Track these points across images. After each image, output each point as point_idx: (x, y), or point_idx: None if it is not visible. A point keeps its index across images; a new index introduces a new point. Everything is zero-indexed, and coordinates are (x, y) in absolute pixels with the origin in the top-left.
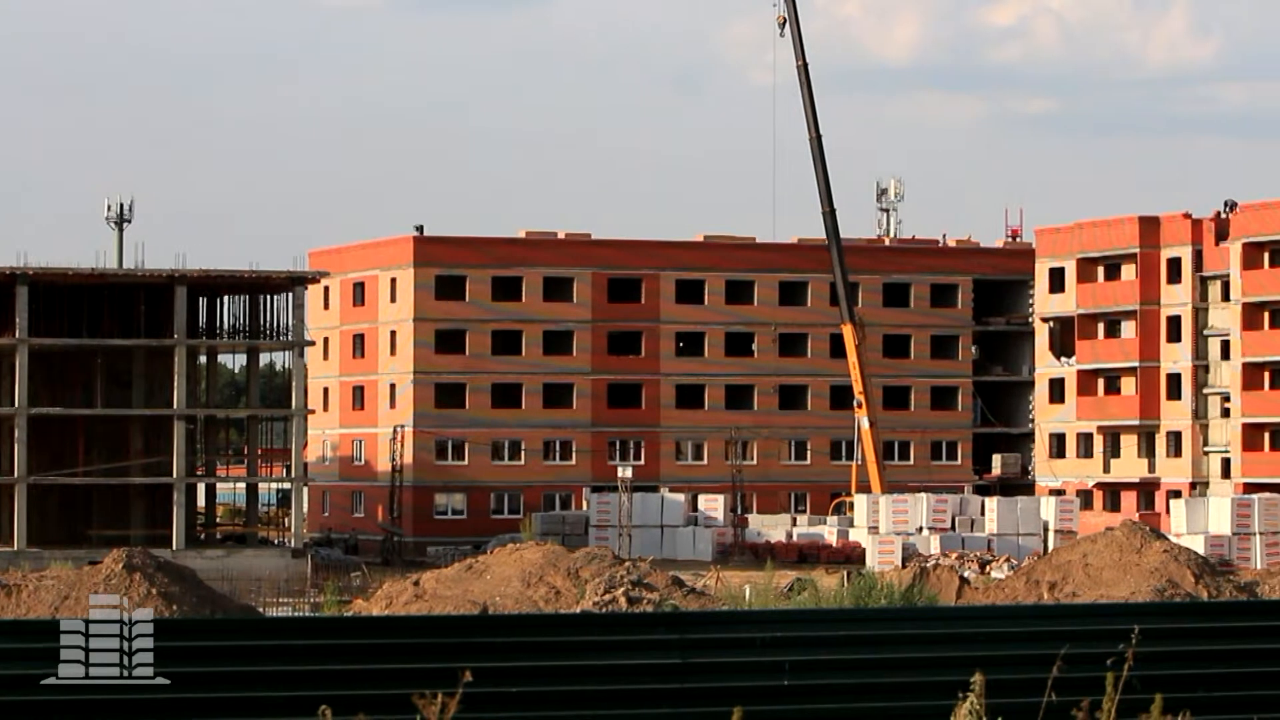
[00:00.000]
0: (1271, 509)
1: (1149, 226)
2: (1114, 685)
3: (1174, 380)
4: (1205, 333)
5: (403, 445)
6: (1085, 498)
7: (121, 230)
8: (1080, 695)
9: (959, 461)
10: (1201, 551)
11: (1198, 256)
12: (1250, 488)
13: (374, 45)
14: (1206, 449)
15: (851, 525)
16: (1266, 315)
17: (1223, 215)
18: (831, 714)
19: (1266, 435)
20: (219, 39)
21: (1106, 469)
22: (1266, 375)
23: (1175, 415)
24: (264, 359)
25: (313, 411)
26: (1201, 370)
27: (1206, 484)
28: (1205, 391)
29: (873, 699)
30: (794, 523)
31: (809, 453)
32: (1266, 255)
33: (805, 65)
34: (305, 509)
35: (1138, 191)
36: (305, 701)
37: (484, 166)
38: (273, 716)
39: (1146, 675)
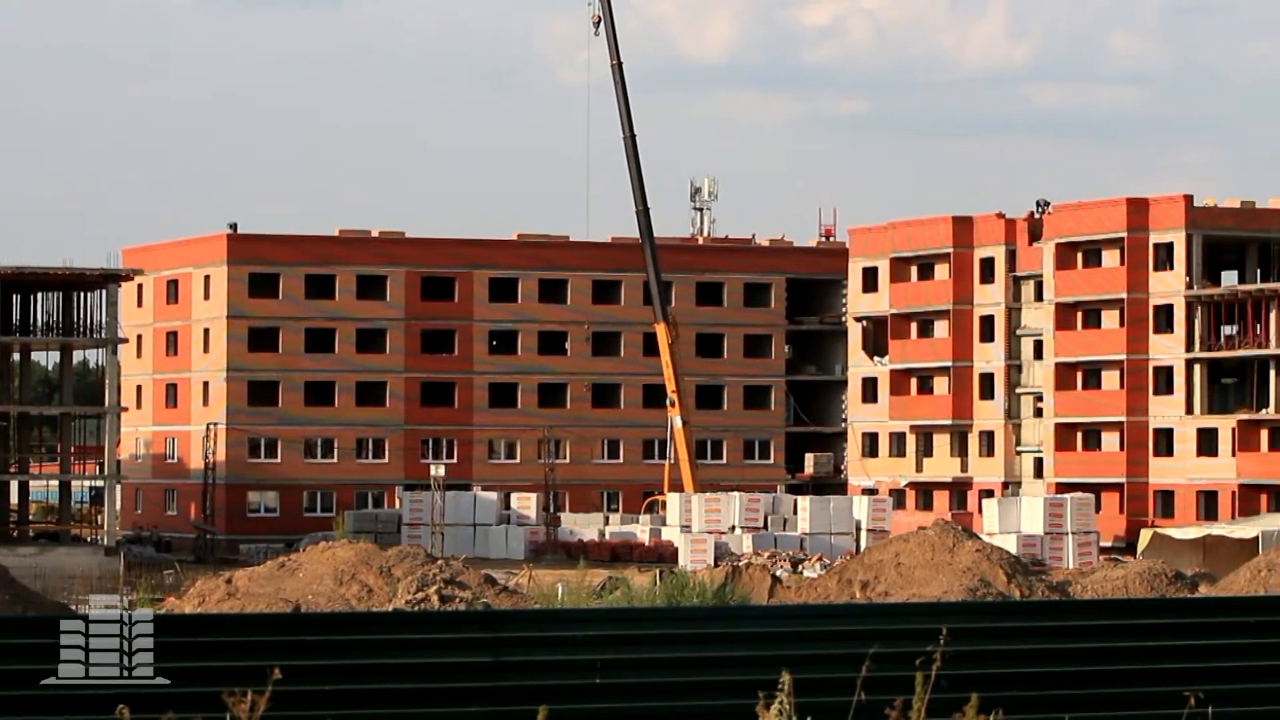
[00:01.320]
0: (1083, 508)
1: (962, 226)
2: (924, 684)
3: (987, 380)
4: (1018, 332)
5: (215, 443)
6: (898, 497)
7: None
8: (892, 694)
9: (772, 460)
10: (1014, 551)
11: (1011, 256)
12: (1062, 487)
13: (188, 42)
14: (1019, 449)
15: (664, 524)
16: (1079, 315)
17: (1036, 215)
18: (642, 713)
19: (1079, 435)
20: (31, 34)
21: (919, 468)
22: (1079, 375)
23: (988, 415)
24: (77, 356)
25: (126, 409)
26: (1014, 370)
27: (1019, 483)
28: (1018, 391)
29: (684, 698)
30: (607, 521)
31: (622, 451)
32: (1079, 255)
33: (620, 64)
34: (118, 507)
35: (952, 192)
36: (106, 700)
37: (299, 164)
38: (69, 714)
39: (959, 674)
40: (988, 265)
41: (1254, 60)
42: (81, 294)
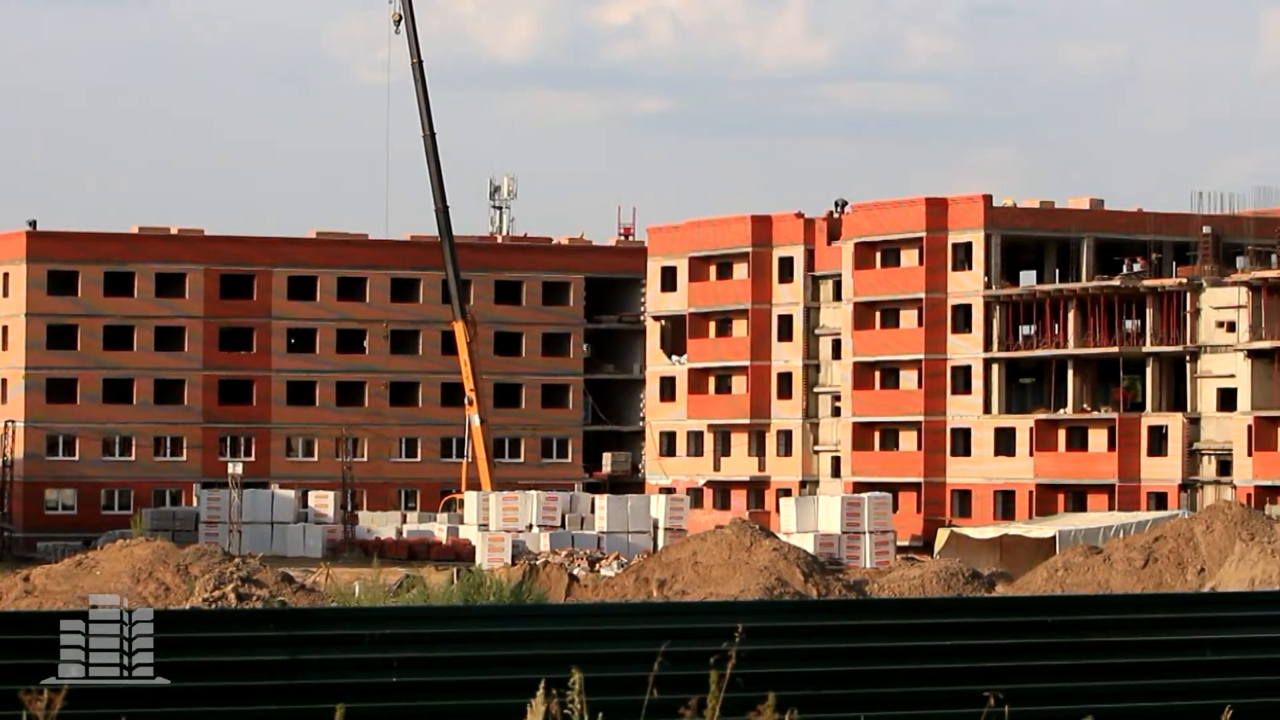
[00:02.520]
0: (881, 508)
1: (761, 226)
2: (719, 683)
3: (784, 379)
4: (816, 332)
5: (13, 441)
6: (695, 496)
7: None
8: (688, 693)
9: (569, 459)
10: (811, 550)
11: (809, 256)
12: (860, 487)
13: None
14: (816, 448)
15: (461, 522)
16: (877, 315)
17: (835, 215)
18: (439, 711)
19: (876, 434)
20: None
21: (717, 467)
22: (876, 375)
23: (785, 414)
24: None
25: None
26: (812, 370)
27: (816, 483)
28: (816, 391)
29: (480, 696)
30: (404, 520)
31: (420, 450)
32: (878, 255)
33: (420, 63)
34: None
35: (751, 191)
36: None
37: (98, 161)
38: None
39: (754, 673)
40: (786, 265)
41: (1053, 61)
42: None
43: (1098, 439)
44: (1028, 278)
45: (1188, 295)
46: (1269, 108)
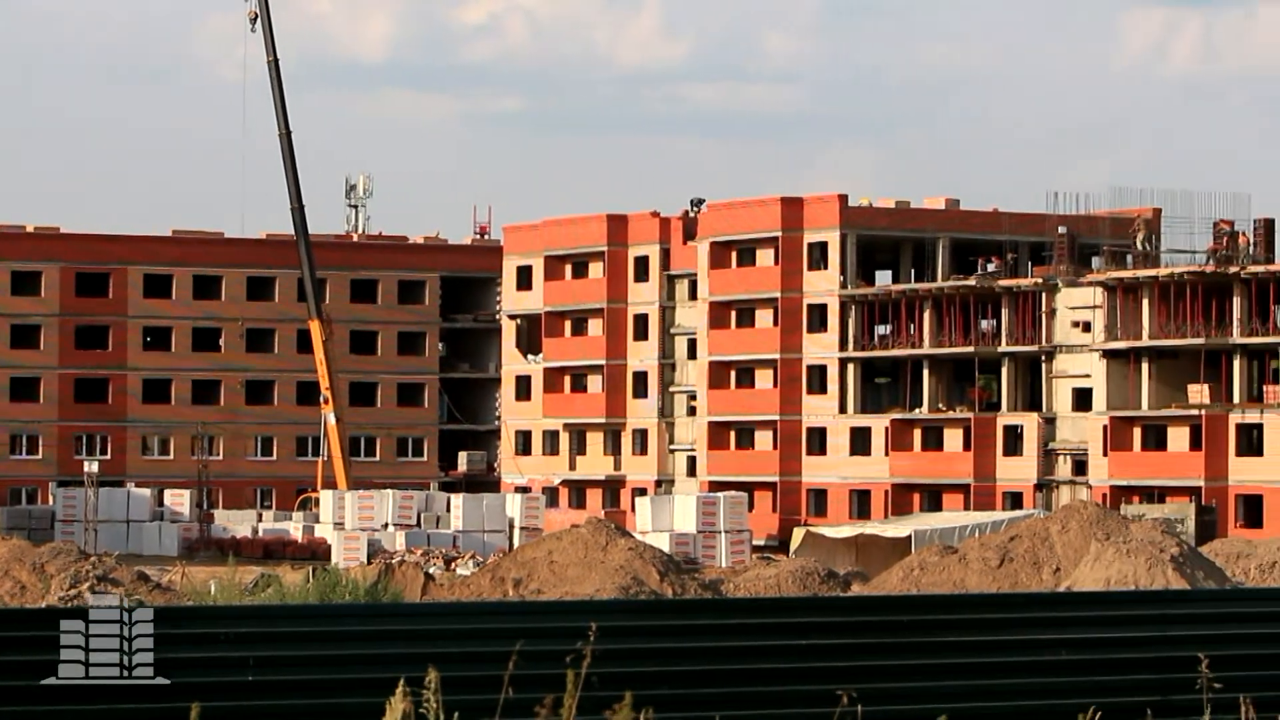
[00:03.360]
0: (736, 507)
1: (617, 225)
2: (574, 682)
3: (640, 378)
4: (672, 331)
5: None
6: (551, 495)
7: None
8: (543, 692)
9: (425, 458)
10: (667, 549)
11: (665, 255)
12: (715, 486)
13: None
14: (672, 447)
15: (317, 521)
16: (732, 314)
17: (691, 214)
18: (296, 710)
19: (731, 434)
20: None
21: (572, 466)
22: (732, 374)
23: (641, 413)
24: None
25: None
26: (668, 369)
27: (672, 482)
28: (671, 390)
29: (336, 695)
30: (260, 518)
31: (275, 448)
32: (733, 254)
33: (276, 61)
34: None
35: (607, 190)
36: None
37: None
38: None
39: (610, 673)
40: (642, 264)
41: (909, 60)
42: None
43: (953, 439)
44: (883, 277)
45: (1043, 295)
46: (1125, 109)
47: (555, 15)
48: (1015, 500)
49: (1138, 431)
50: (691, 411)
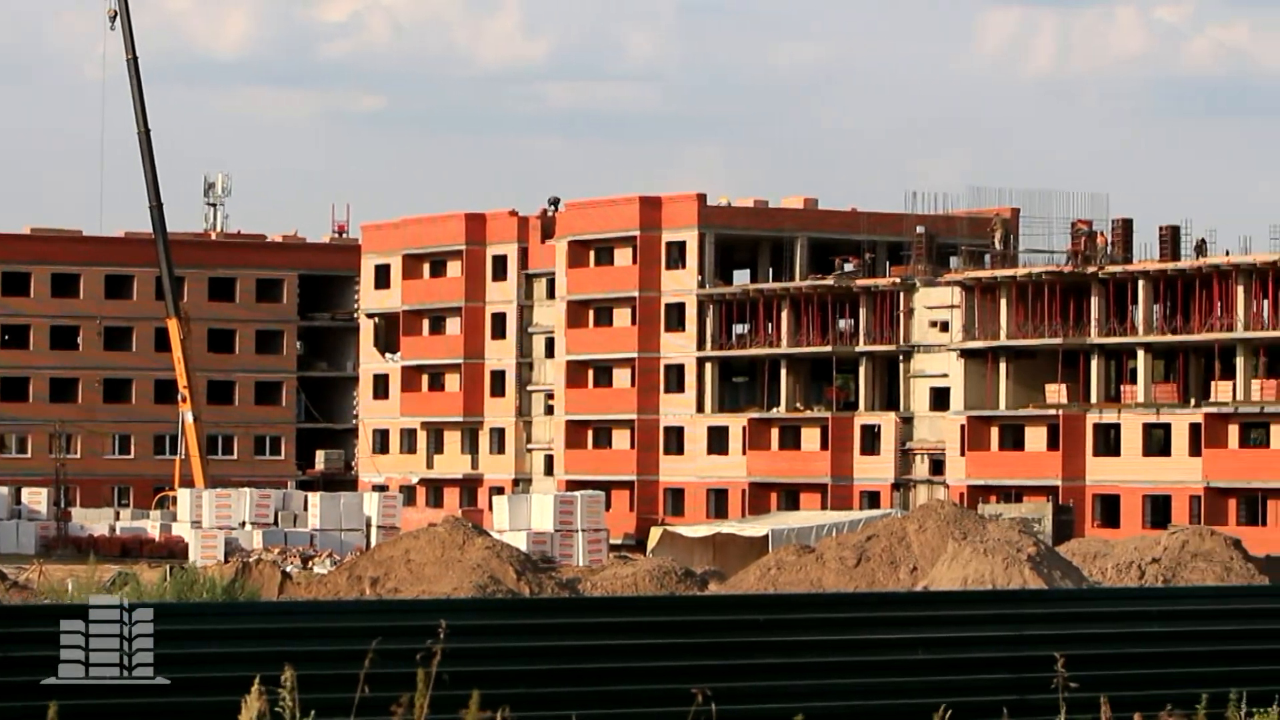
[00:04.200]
0: (594, 506)
1: (475, 224)
2: (426, 681)
3: (498, 377)
4: (530, 330)
5: None
6: (409, 494)
7: None
8: (400, 691)
9: (283, 457)
10: (524, 548)
11: (523, 254)
12: (573, 485)
13: None
14: (530, 446)
15: (175, 520)
16: (590, 313)
17: (549, 213)
18: (152, 708)
19: (589, 433)
20: None
21: (430, 465)
22: (589, 373)
23: (499, 412)
24: None
25: None
26: (525, 368)
27: (530, 481)
28: (529, 389)
29: (193, 693)
30: (117, 517)
31: (133, 447)
32: (591, 254)
33: (135, 59)
34: None
35: (467, 189)
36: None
37: None
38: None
39: (464, 671)
40: (500, 263)
41: (769, 61)
42: None
43: (810, 438)
44: (741, 277)
45: (901, 295)
46: (982, 108)
47: (416, 14)
48: (872, 500)
49: (995, 431)
50: (549, 410)
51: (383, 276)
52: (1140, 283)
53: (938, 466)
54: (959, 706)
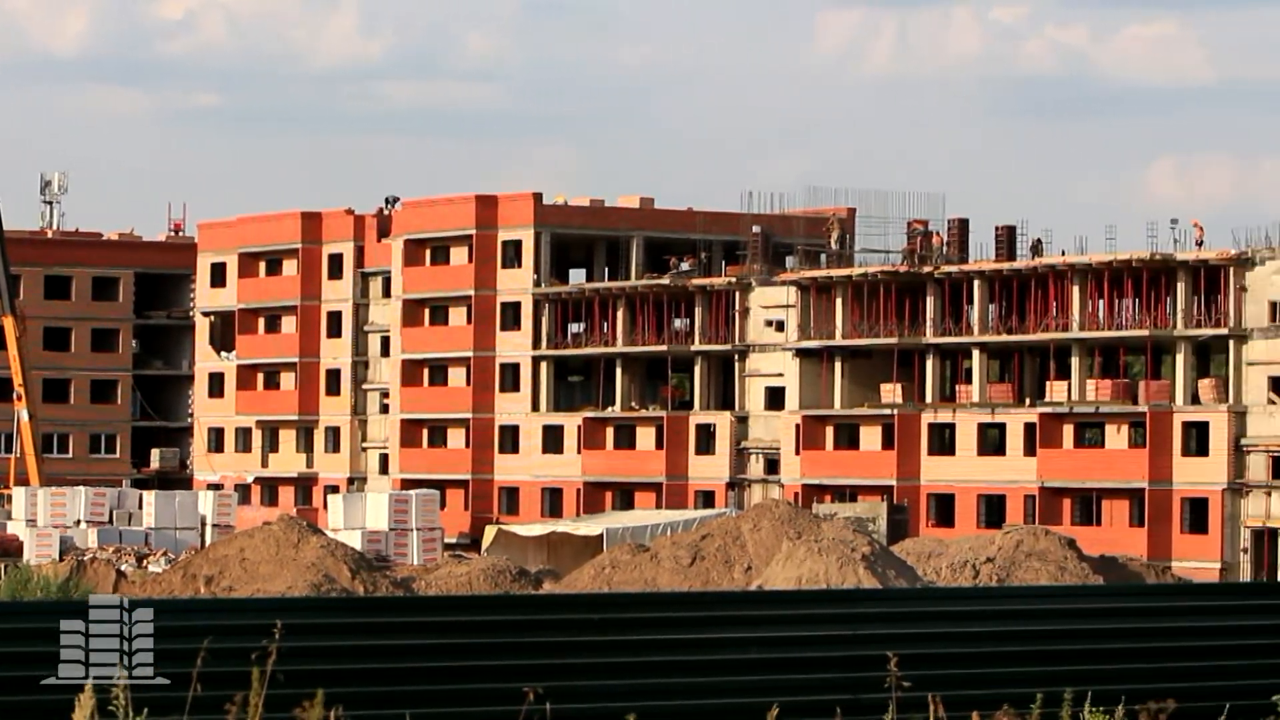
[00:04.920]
0: (428, 505)
1: (311, 222)
2: (260, 680)
3: (333, 376)
4: (365, 329)
5: None
6: (244, 492)
7: None
8: (233, 690)
9: (118, 455)
10: (359, 547)
11: (359, 253)
12: (408, 484)
13: None
14: (365, 445)
15: (9, 518)
16: (426, 312)
17: (385, 212)
18: None
19: (424, 431)
20: None
21: (265, 463)
22: (425, 372)
23: (334, 410)
24: None
25: None
26: (361, 366)
27: (365, 480)
28: (365, 388)
29: (24, 692)
30: None
31: None
32: (427, 252)
33: None
34: None
35: (304, 188)
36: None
37: None
38: None
39: (299, 670)
40: (336, 261)
41: (607, 60)
42: None
43: (645, 437)
44: (577, 276)
45: (736, 294)
46: (819, 109)
47: (254, 12)
48: (707, 499)
49: (830, 430)
50: (384, 409)
51: (218, 275)
52: (976, 283)
53: (773, 466)
54: (792, 706)
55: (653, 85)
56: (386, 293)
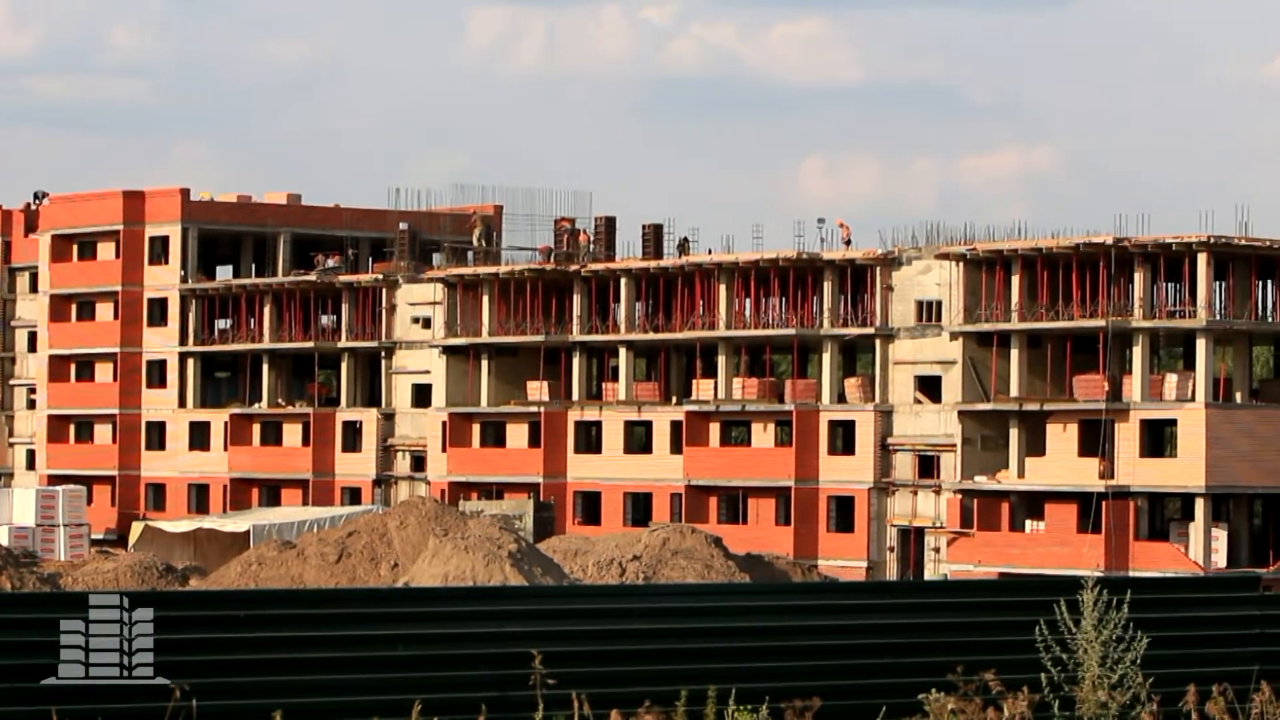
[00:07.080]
0: (75, 500)
1: None
2: None
3: None
4: (12, 324)
5: None
6: None
7: None
8: None
9: None
10: (6, 543)
11: (6, 248)
12: (55, 479)
13: None
14: (12, 440)
15: None
16: (73, 307)
17: (33, 207)
18: None
19: (71, 427)
20: None
21: None
22: (72, 367)
23: None
24: None
25: None
26: (8, 362)
27: (11, 475)
28: (11, 383)
29: None
30: None
31: None
32: (75, 248)
33: None
34: None
35: None
36: None
37: None
38: None
39: None
40: None
41: (256, 57)
42: None
43: (292, 434)
44: (225, 272)
45: (384, 291)
46: (468, 106)
47: None
48: (354, 496)
49: (476, 428)
50: (31, 405)
51: None
52: (623, 281)
53: (419, 463)
54: (440, 703)
55: (304, 82)
56: (34, 288)
